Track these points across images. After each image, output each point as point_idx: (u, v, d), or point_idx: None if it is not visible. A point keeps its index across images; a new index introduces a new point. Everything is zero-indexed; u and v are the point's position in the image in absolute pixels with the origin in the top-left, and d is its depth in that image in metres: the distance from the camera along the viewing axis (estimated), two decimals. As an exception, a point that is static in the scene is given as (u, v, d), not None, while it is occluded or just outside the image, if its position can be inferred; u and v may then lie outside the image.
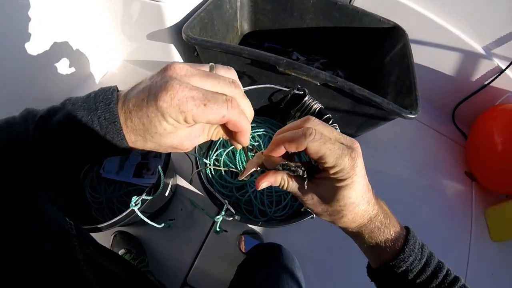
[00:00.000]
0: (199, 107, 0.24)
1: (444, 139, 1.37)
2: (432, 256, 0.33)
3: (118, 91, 0.28)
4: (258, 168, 0.33)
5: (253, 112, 0.30)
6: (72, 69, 1.09)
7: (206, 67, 0.28)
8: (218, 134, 0.30)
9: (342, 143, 0.29)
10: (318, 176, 0.32)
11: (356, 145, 0.30)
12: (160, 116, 0.24)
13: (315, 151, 0.28)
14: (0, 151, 0.26)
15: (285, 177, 0.32)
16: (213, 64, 0.29)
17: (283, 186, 0.33)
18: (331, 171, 0.29)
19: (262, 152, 0.33)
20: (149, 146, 0.27)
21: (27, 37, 0.88)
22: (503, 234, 1.14)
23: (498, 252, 1.13)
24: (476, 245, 1.12)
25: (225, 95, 0.26)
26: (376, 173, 1.18)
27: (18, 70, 0.90)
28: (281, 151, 0.31)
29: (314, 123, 0.30)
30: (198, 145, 0.70)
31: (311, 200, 0.32)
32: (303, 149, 0.29)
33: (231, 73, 0.30)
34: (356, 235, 0.34)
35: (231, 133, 0.30)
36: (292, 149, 0.30)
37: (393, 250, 0.32)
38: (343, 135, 0.31)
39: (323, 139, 0.28)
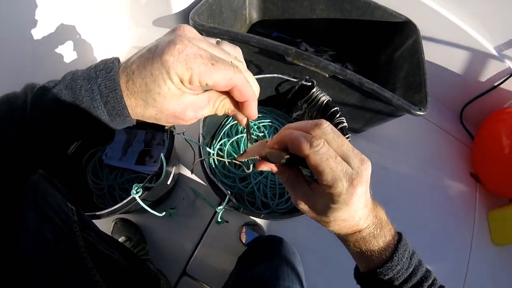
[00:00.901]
0: (207, 65, 0.24)
1: (451, 139, 1.35)
2: (420, 265, 0.33)
3: (119, 61, 0.26)
4: (258, 157, 0.32)
5: (259, 87, 0.29)
6: (80, 54, 1.07)
7: (213, 40, 0.28)
8: (224, 107, 0.29)
9: (349, 163, 0.27)
10: (315, 185, 0.30)
11: (365, 167, 0.28)
12: (165, 73, 0.23)
13: (315, 164, 0.26)
14: (0, 123, 0.25)
15: (286, 169, 0.32)
16: (219, 39, 0.28)
17: (281, 178, 0.32)
18: (327, 190, 0.27)
19: (266, 141, 0.31)
20: (149, 112, 0.26)
21: (34, 22, 0.86)
22: (504, 239, 1.13)
23: (498, 256, 1.12)
24: (477, 247, 1.11)
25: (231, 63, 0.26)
26: (381, 169, 1.16)
27: (24, 54, 0.88)
28: (284, 147, 0.29)
29: (326, 131, 0.28)
30: (202, 134, 0.69)
31: (302, 203, 0.31)
32: (304, 155, 0.27)
33: (236, 51, 0.29)
34: (342, 240, 0.34)
35: (237, 106, 0.29)
36: (294, 151, 0.28)
37: (380, 259, 0.32)
38: (355, 151, 0.28)
39: (327, 155, 0.26)
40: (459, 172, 1.27)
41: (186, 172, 0.98)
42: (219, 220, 0.68)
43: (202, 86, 0.26)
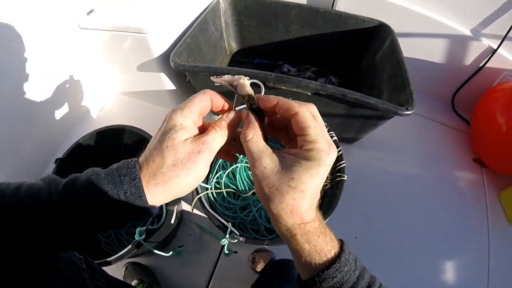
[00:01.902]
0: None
1: (447, 129, 1.35)
2: (365, 270, 0.32)
3: (139, 162, 0.29)
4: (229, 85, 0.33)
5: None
6: (71, 106, 1.13)
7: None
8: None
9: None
10: (287, 150, 0.31)
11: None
12: (172, 130, 0.29)
13: (302, 120, 0.29)
14: (24, 213, 0.26)
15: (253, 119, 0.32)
16: None
17: (248, 132, 0.31)
18: (307, 146, 0.29)
19: (243, 78, 0.32)
20: (170, 193, 0.29)
21: (25, 78, 0.91)
22: (520, 216, 1.10)
23: (518, 235, 1.09)
24: (494, 231, 1.09)
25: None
26: (382, 173, 1.16)
27: (19, 111, 0.94)
28: (271, 103, 0.31)
29: (315, 110, 0.31)
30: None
31: (265, 165, 0.29)
32: (292, 113, 0.29)
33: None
34: (289, 236, 0.31)
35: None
36: (283, 109, 0.30)
37: (328, 259, 0.30)
38: None
39: (315, 116, 0.30)
40: (462, 160, 1.26)
41: (189, 208, 0.99)
42: (227, 252, 0.69)
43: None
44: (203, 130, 0.32)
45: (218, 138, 0.31)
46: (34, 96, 0.95)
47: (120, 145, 0.92)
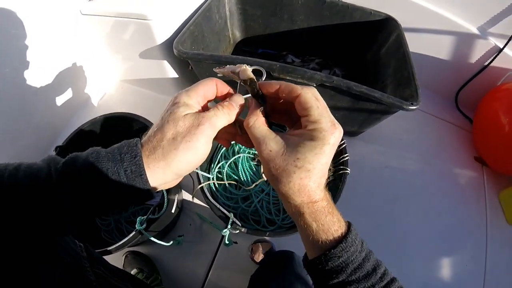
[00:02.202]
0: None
1: (450, 126, 1.34)
2: (371, 253, 0.32)
3: (141, 142, 0.29)
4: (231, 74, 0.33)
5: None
6: (71, 93, 1.11)
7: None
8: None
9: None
10: (291, 132, 0.32)
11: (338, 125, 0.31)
12: (174, 106, 0.29)
13: (304, 101, 0.29)
14: (23, 193, 0.26)
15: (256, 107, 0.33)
16: None
17: (252, 119, 0.32)
18: (310, 126, 0.29)
19: (244, 67, 0.32)
20: (172, 169, 0.28)
21: (26, 63, 0.90)
22: (519, 217, 1.10)
23: (516, 235, 1.09)
24: (493, 230, 1.09)
25: None
26: (384, 168, 1.16)
27: (19, 98, 0.92)
28: (274, 87, 0.32)
29: (317, 92, 0.31)
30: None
31: (270, 148, 0.30)
32: (295, 95, 0.30)
33: None
34: (298, 214, 0.31)
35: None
36: (285, 92, 0.31)
37: (334, 238, 0.30)
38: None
39: (315, 96, 0.30)
40: (463, 158, 1.26)
41: (190, 198, 0.99)
42: (227, 242, 0.69)
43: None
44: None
45: (219, 115, 0.30)
46: (34, 83, 0.94)
47: (121, 133, 0.91)
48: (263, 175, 0.83)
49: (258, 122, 0.31)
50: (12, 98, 0.90)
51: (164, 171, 0.28)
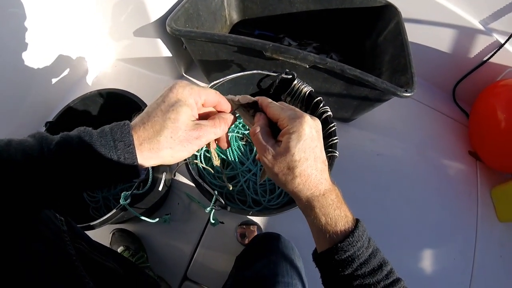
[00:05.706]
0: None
1: (446, 119, 1.33)
2: (378, 250, 0.34)
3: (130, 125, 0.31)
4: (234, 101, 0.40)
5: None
6: (66, 71, 1.10)
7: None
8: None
9: (294, 110, 0.36)
10: (280, 136, 0.36)
11: (305, 114, 0.35)
12: (177, 104, 0.31)
13: (272, 112, 0.36)
14: (15, 168, 0.26)
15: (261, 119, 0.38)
16: None
17: (257, 125, 0.37)
18: (285, 125, 0.34)
19: (238, 99, 0.39)
20: (161, 160, 0.31)
21: (21, 42, 0.89)
22: (510, 215, 1.10)
23: (505, 233, 1.09)
24: (483, 226, 1.09)
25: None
26: (375, 155, 1.15)
27: (13, 76, 0.91)
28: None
29: (274, 104, 0.38)
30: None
31: (271, 154, 0.34)
32: (265, 110, 0.38)
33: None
34: (308, 208, 0.35)
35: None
36: (260, 105, 0.39)
37: (342, 233, 0.32)
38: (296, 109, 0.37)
39: (282, 104, 0.37)
40: (457, 151, 1.25)
41: (180, 178, 0.99)
42: (213, 221, 0.68)
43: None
44: (203, 116, 0.37)
45: (218, 133, 0.34)
46: (27, 61, 0.93)
47: (112, 110, 0.90)
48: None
49: (260, 132, 0.36)
50: (6, 76, 0.89)
51: (155, 160, 0.31)
